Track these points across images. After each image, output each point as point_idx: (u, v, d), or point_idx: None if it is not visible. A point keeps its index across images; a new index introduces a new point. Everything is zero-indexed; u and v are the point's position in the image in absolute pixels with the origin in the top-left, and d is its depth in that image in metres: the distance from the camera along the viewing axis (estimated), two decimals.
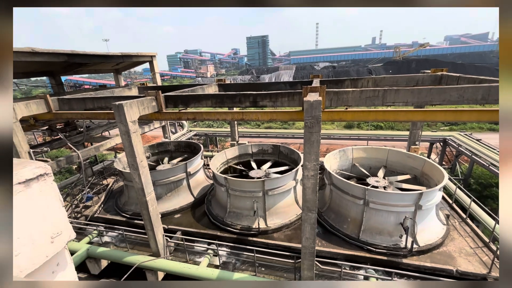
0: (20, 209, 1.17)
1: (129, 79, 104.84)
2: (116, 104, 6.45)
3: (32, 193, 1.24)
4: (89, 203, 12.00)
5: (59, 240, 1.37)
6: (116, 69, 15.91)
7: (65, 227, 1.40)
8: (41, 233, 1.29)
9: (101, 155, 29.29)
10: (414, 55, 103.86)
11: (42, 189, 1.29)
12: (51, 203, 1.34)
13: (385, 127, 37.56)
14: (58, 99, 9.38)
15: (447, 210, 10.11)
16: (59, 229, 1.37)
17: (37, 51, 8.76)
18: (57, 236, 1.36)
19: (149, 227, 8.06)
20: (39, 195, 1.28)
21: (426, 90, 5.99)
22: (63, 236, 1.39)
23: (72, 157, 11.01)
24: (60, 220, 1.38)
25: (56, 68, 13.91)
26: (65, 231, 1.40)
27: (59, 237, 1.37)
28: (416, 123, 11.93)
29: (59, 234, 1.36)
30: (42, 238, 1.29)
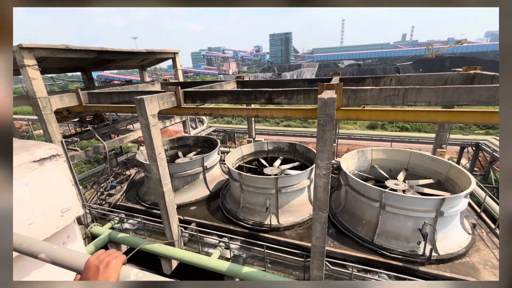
0: (35, 184, 1.33)
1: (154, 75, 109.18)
2: (138, 98, 6.81)
3: (45, 170, 1.39)
4: (112, 191, 12.81)
5: (68, 214, 1.53)
6: (142, 65, 16.69)
7: (74, 204, 1.56)
8: (52, 207, 1.45)
9: (126, 147, 30.94)
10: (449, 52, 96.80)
11: (54, 168, 1.44)
12: (62, 181, 1.49)
13: (411, 128, 35.55)
14: (88, 93, 10.08)
15: (473, 219, 9.43)
16: (69, 205, 1.53)
17: (71, 48, 9.47)
18: (67, 211, 1.52)
19: (165, 217, 8.44)
20: (52, 173, 1.43)
21: (452, 89, 5.63)
22: (72, 211, 1.55)
23: (99, 148, 11.79)
24: (70, 197, 1.54)
25: (87, 64, 14.92)
26: (74, 207, 1.56)
27: (68, 212, 1.52)
28: (443, 124, 11.22)
29: (68, 209, 1.52)
30: (53, 211, 1.45)
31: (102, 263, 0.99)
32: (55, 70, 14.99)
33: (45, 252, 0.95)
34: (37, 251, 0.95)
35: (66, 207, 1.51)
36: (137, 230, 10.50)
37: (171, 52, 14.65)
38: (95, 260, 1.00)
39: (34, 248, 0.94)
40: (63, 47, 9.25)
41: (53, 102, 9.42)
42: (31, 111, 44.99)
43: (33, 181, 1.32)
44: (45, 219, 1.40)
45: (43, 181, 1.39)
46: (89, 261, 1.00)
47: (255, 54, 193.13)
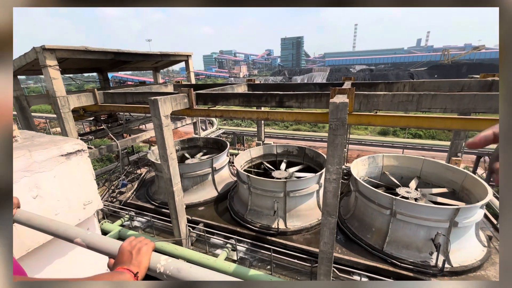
0: (61, 177, 1.41)
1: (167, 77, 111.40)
2: (152, 99, 6.98)
3: (71, 164, 1.47)
4: (123, 189, 13.10)
5: (90, 207, 1.60)
6: (155, 67, 17.11)
7: (95, 198, 1.64)
8: (76, 199, 1.53)
9: (138, 146, 31.61)
10: (465, 58, 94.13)
11: (79, 162, 1.52)
12: (85, 175, 1.57)
13: (424, 135, 34.64)
14: (103, 93, 10.42)
15: (490, 231, 9.07)
16: (90, 198, 1.60)
17: (90, 50, 9.84)
18: (88, 204, 1.59)
19: (174, 216, 8.56)
20: (76, 167, 1.51)
21: (469, 96, 5.49)
22: (93, 204, 1.62)
23: (112, 146, 12.12)
24: (92, 191, 1.61)
25: (104, 65, 15.43)
26: (95, 201, 1.63)
27: (90, 205, 1.60)
28: (458, 132, 10.91)
29: (90, 202, 1.60)
30: (76, 203, 1.53)
31: (135, 249, 1.05)
32: (74, 71, 15.58)
33: (80, 237, 1.01)
34: (73, 236, 1.02)
35: (88, 200, 1.59)
36: (146, 228, 10.69)
37: (184, 55, 14.95)
38: (127, 246, 1.07)
39: (69, 233, 1.01)
40: (83, 48, 9.62)
41: (71, 101, 9.78)
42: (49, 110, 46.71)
43: (60, 173, 1.40)
44: (69, 210, 1.47)
45: (69, 174, 1.47)
46: (123, 247, 1.07)
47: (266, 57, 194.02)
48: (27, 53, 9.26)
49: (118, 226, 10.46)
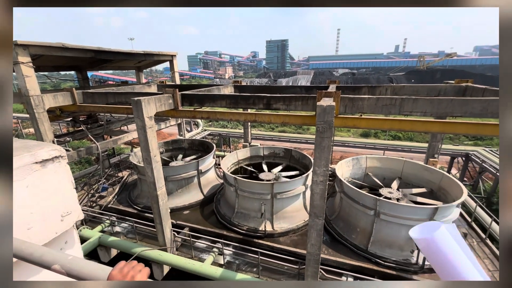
0: (35, 186, 1.27)
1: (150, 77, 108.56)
2: (135, 99, 6.72)
3: (47, 172, 1.34)
4: (104, 194, 12.52)
5: (68, 219, 1.47)
6: (138, 67, 16.56)
7: (74, 208, 1.50)
8: (53, 211, 1.39)
9: (119, 148, 30.44)
10: (439, 65, 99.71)
11: (57, 170, 1.39)
12: (64, 184, 1.44)
13: (403, 137, 36.21)
14: (82, 93, 9.91)
15: (465, 229, 9.59)
16: (69, 209, 1.47)
17: (67, 47, 9.32)
18: (67, 215, 1.46)
19: (158, 221, 8.27)
20: (53, 175, 1.38)
21: (447, 100, 5.76)
22: (72, 216, 1.49)
23: (91, 148, 11.55)
24: (71, 200, 1.48)
25: (83, 64, 14.70)
26: (74, 211, 1.50)
27: (68, 216, 1.46)
28: (436, 134, 11.46)
29: (68, 213, 1.46)
30: (53, 215, 1.39)
31: (127, 277, 0.92)
32: (49, 68, 14.71)
33: (59, 263, 0.89)
34: (50, 262, 0.89)
35: (66, 211, 1.45)
36: (128, 234, 10.25)
37: (169, 55, 14.60)
38: (118, 274, 0.93)
39: (46, 258, 0.88)
40: (60, 45, 9.10)
41: (46, 100, 9.21)
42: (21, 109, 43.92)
43: (34, 183, 1.26)
44: (45, 224, 1.33)
45: (44, 184, 1.33)
46: (112, 275, 0.93)
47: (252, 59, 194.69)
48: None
49: (98, 232, 9.96)
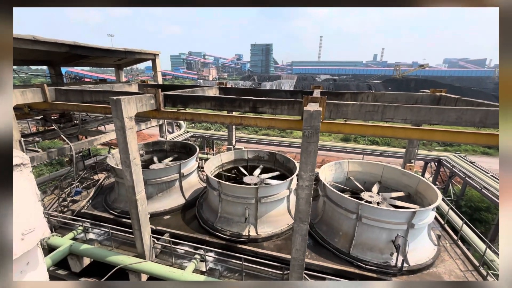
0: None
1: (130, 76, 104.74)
2: (114, 98, 6.35)
3: None
4: (77, 198, 11.70)
5: (30, 237, 1.26)
6: (118, 65, 15.84)
7: (39, 224, 1.30)
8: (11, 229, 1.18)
9: (95, 149, 28.87)
10: (413, 74, 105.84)
11: (18, 180, 1.18)
12: (26, 196, 1.23)
13: (381, 142, 37.81)
14: (55, 89, 9.24)
15: (438, 231, 10.06)
16: (32, 226, 1.26)
17: (39, 40, 8.67)
18: (29, 233, 1.25)
19: (136, 227, 7.84)
20: (14, 187, 1.17)
21: (425, 109, 6.02)
22: (36, 233, 1.28)
23: (64, 149, 10.79)
24: (35, 215, 1.27)
25: (56, 58, 13.79)
26: (38, 228, 1.29)
27: (31, 234, 1.26)
28: (413, 141, 12.00)
29: (31, 230, 1.25)
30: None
31: None
32: (17, 62, 13.63)
33: None
34: None
35: (28, 228, 1.24)
36: (103, 241, 9.62)
37: (152, 53, 14.12)
38: None
39: None
40: (30, 37, 8.44)
41: (13, 97, 8.46)
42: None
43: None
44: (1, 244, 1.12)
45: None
46: None
47: (236, 62, 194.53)
48: None
49: (69, 240, 9.24)
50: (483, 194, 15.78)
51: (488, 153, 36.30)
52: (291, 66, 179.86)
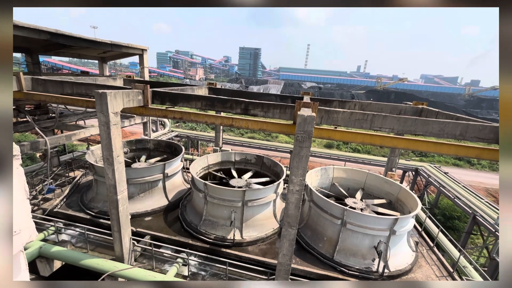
0: None
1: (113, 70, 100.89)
2: (99, 92, 6.01)
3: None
4: (49, 196, 10.91)
5: (16, 240, 1.09)
6: (103, 58, 15.14)
7: (26, 225, 1.13)
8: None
9: (71, 145, 27.31)
10: (393, 87, 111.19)
11: None
12: (14, 193, 1.07)
13: (362, 150, 39.13)
14: (32, 79, 8.61)
15: (416, 237, 10.47)
16: (18, 227, 1.10)
17: (17, 24, 8.06)
18: (15, 234, 1.08)
19: (116, 228, 7.42)
20: None
21: (411, 120, 6.25)
22: (22, 235, 1.11)
23: (38, 143, 10.06)
24: (22, 216, 1.11)
25: (35, 46, 12.91)
26: (25, 230, 1.13)
27: (16, 236, 1.09)
28: (395, 150, 12.47)
29: (17, 233, 1.09)
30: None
31: None
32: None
33: None
34: None
35: (14, 230, 1.08)
36: (78, 243, 9.01)
37: (139, 48, 13.65)
38: None
39: None
40: None
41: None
42: None
43: None
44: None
45: None
46: None
47: (224, 63, 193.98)
48: None
49: (39, 241, 8.55)
50: (455, 203, 16.72)
51: (459, 164, 38.74)
52: (278, 71, 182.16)
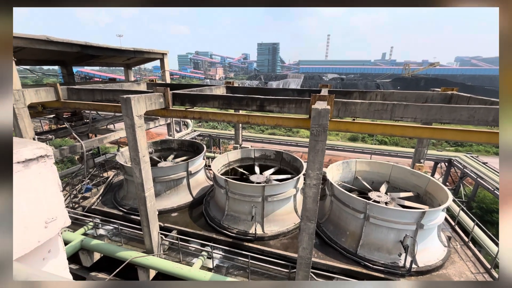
0: (16, 190, 1.13)
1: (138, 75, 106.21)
2: (124, 97, 6.47)
3: (31, 174, 1.19)
4: (87, 194, 11.99)
5: (53, 225, 1.32)
6: (127, 64, 16.11)
7: (60, 213, 1.35)
8: (36, 217, 1.24)
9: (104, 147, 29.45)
10: (423, 73, 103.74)
11: (41, 171, 1.24)
12: (49, 186, 1.29)
13: (389, 142, 37.24)
14: (67, 89, 9.48)
15: (449, 232, 9.87)
16: (54, 215, 1.32)
17: (52, 40, 8.90)
18: (52, 221, 1.31)
19: (145, 224, 7.98)
20: (38, 177, 1.23)
21: (436, 107, 5.91)
22: (58, 222, 1.34)
23: (75, 147, 11.06)
24: (57, 205, 1.33)
25: (68, 58, 14.12)
26: (60, 217, 1.35)
27: (53, 222, 1.32)
28: (422, 140, 11.79)
29: (53, 219, 1.31)
30: (36, 222, 1.24)
31: None
32: (31, 62, 14.02)
33: None
34: None
35: (51, 217, 1.30)
36: (112, 237, 9.84)
37: (160, 53, 14.30)
38: None
39: None
40: (44, 38, 8.67)
41: (28, 95, 8.73)
42: None
43: (15, 186, 1.12)
44: (26, 232, 1.19)
45: (26, 187, 1.18)
46: None
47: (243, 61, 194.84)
48: None
49: (81, 235, 9.49)
50: (495, 195, 15.39)
51: None
52: (298, 65, 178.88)
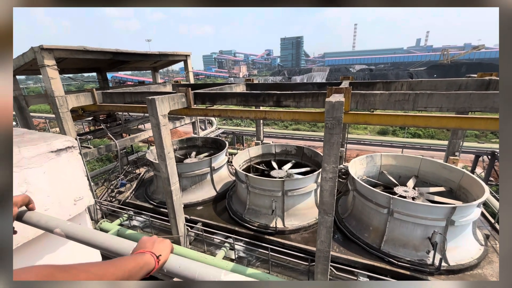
0: (51, 173, 1.43)
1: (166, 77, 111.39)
2: (149, 98, 7.01)
3: (61, 161, 1.50)
4: (122, 189, 13.13)
5: (80, 203, 1.63)
6: (154, 67, 17.14)
7: (86, 194, 1.66)
8: (66, 195, 1.55)
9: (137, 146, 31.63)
10: (465, 58, 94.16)
11: (69, 159, 1.55)
12: (76, 171, 1.60)
13: (423, 135, 34.68)
14: (102, 93, 10.45)
15: (487, 230, 9.10)
16: (81, 195, 1.63)
17: (88, 49, 9.86)
18: (79, 200, 1.61)
19: (172, 215, 8.58)
20: (67, 163, 1.54)
21: (464, 95, 5.51)
22: (84, 200, 1.65)
23: (110, 146, 12.15)
24: (82, 187, 1.64)
25: (103, 65, 15.46)
26: (86, 197, 1.66)
27: (80, 201, 1.62)
28: (457, 131, 10.93)
29: (81, 198, 1.62)
30: (67, 199, 1.55)
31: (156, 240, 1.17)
32: (73, 71, 15.60)
33: (60, 228, 1.04)
34: (52, 227, 1.04)
35: (78, 196, 1.61)
36: (144, 228, 10.71)
37: (183, 55, 14.98)
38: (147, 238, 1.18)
39: (50, 224, 1.03)
40: (81, 48, 9.64)
41: (70, 101, 9.81)
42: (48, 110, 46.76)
43: (50, 170, 1.42)
44: (60, 206, 1.49)
45: (58, 171, 1.49)
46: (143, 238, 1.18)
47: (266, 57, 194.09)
48: (25, 53, 9.28)
49: (117, 225, 10.49)
50: None
51: None
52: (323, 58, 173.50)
